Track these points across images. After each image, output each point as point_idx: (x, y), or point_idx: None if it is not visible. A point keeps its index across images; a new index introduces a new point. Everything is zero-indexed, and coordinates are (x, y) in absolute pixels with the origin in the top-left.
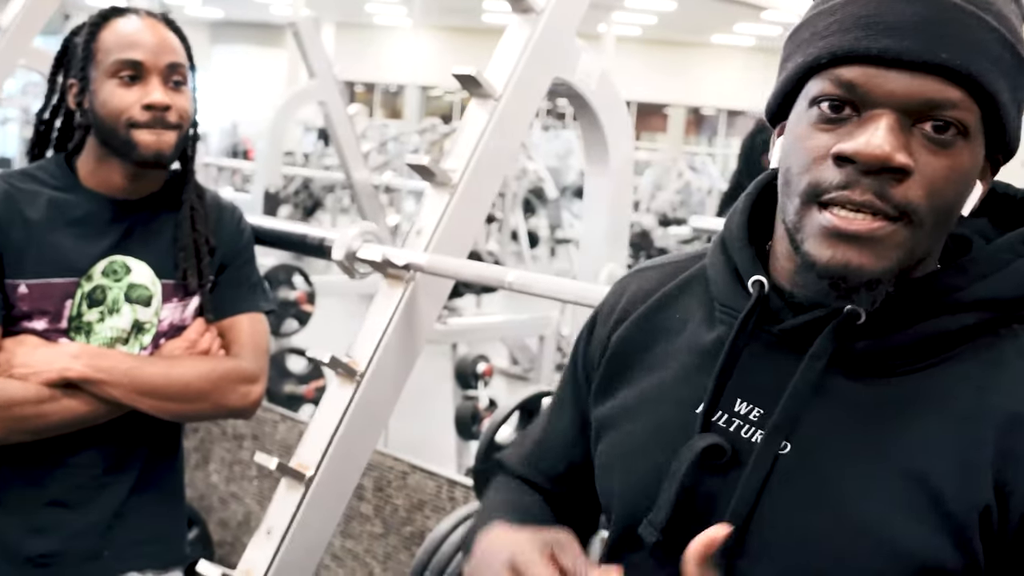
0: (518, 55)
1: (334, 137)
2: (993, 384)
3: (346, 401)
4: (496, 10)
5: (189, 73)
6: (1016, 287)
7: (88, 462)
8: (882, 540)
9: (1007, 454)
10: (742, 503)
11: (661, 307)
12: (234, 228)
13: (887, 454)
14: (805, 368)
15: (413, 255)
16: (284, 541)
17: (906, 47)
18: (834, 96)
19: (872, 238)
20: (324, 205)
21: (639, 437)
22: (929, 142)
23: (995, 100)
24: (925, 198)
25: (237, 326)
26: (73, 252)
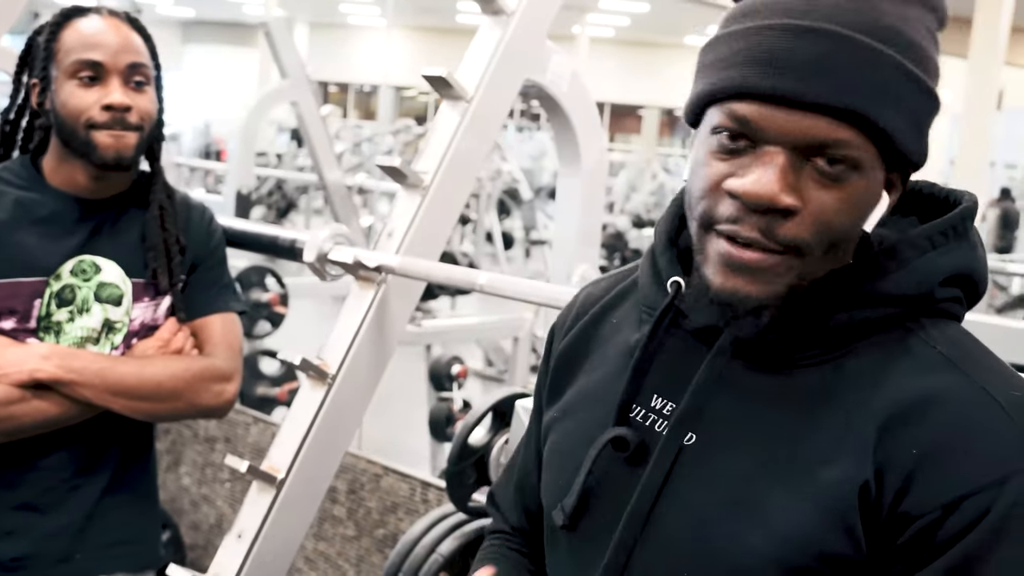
0: (489, 56)
1: (307, 138)
2: (886, 375)
3: (317, 403)
4: (470, 11)
5: (153, 73)
6: (919, 284)
7: (59, 464)
8: (774, 525)
9: (886, 438)
10: (645, 493)
11: (603, 314)
12: (204, 228)
13: (784, 444)
14: (709, 362)
15: (385, 257)
16: (255, 544)
17: (796, 88)
18: (729, 129)
19: (760, 268)
20: (297, 206)
21: (571, 435)
22: (821, 176)
23: (888, 136)
24: (813, 233)
25: (210, 326)
26: (40, 251)
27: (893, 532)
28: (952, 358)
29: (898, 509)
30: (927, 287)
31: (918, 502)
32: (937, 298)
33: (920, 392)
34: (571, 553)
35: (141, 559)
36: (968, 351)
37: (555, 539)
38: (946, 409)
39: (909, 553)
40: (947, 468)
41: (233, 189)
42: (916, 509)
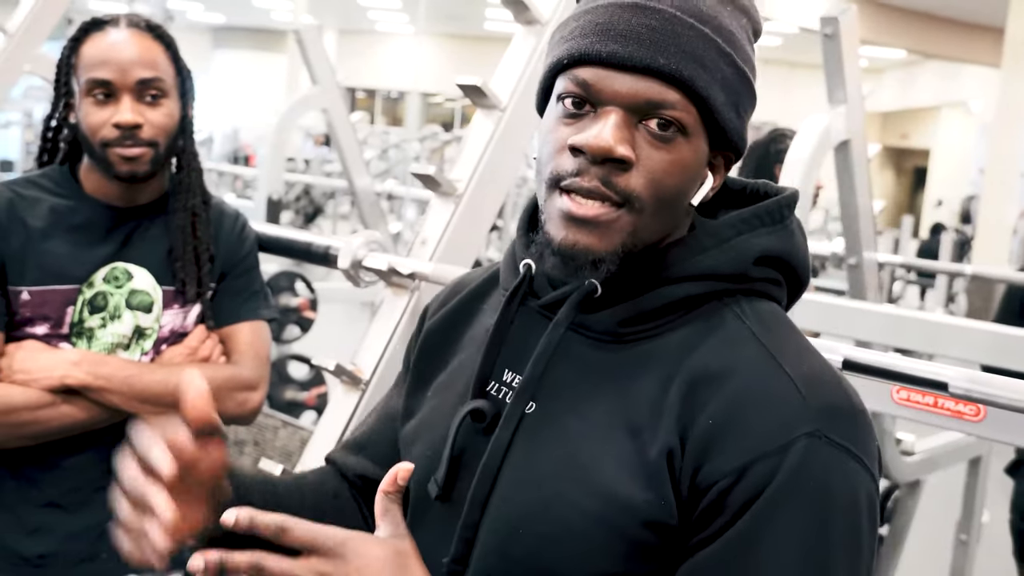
0: (523, 66)
1: (336, 144)
2: (699, 344)
3: (351, 409)
4: (498, 18)
5: (173, 83)
6: (733, 262)
7: (85, 464)
8: (597, 483)
9: (686, 407)
10: (492, 458)
11: (471, 301)
12: (235, 236)
13: (610, 410)
14: (548, 336)
15: (418, 264)
16: None
17: (630, 53)
18: (573, 93)
19: (598, 223)
20: (325, 212)
21: (437, 411)
22: (652, 137)
23: (708, 103)
24: (646, 187)
25: (238, 334)
26: (74, 259)
27: (693, 501)
28: (756, 333)
29: (696, 478)
30: (741, 265)
31: (713, 470)
32: (751, 276)
33: (720, 363)
34: (440, 521)
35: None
36: (772, 327)
37: (423, 511)
38: (740, 380)
39: (705, 520)
40: (737, 436)
41: (264, 195)
42: (711, 477)
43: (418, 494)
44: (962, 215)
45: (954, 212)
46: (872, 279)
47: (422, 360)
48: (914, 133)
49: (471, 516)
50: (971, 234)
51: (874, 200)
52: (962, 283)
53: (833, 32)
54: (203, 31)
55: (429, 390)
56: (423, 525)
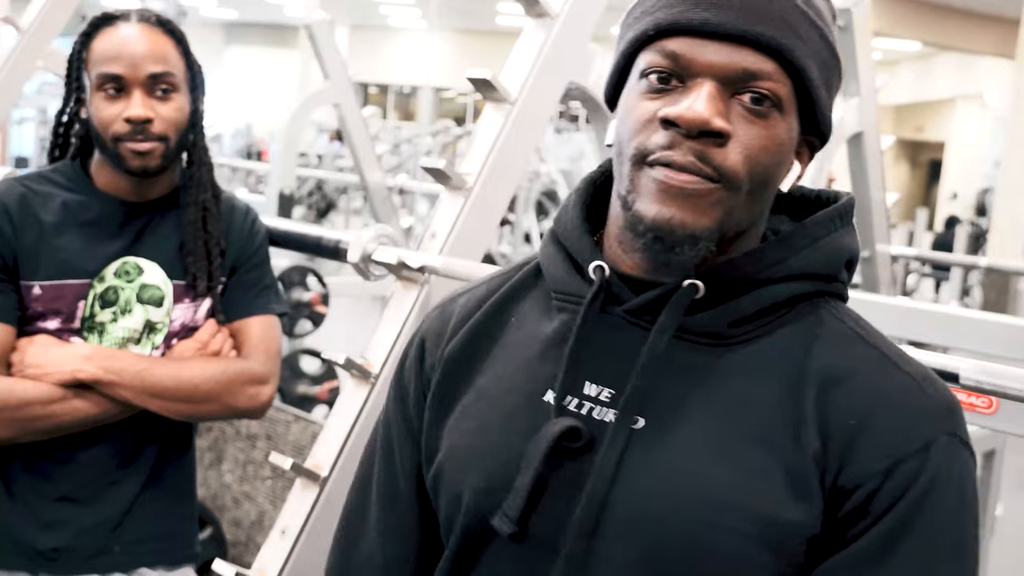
0: (533, 59)
1: (349, 139)
2: (813, 347)
3: (361, 402)
4: (510, 12)
5: (184, 77)
6: (829, 262)
7: (99, 459)
8: (736, 504)
9: (822, 409)
10: (599, 483)
11: (493, 314)
12: (246, 230)
13: (734, 420)
14: (652, 342)
15: (428, 258)
16: (298, 541)
17: (724, 20)
18: (660, 67)
19: (695, 193)
20: (337, 207)
21: (484, 433)
22: (747, 111)
23: (804, 75)
24: (742, 163)
25: (248, 328)
26: (85, 254)
27: (834, 503)
28: (861, 333)
29: (838, 480)
30: (835, 266)
31: (857, 471)
32: (838, 278)
33: (843, 364)
34: (513, 562)
35: (178, 554)
36: (870, 328)
37: (482, 550)
38: (868, 380)
39: (849, 522)
40: (879, 436)
41: (276, 189)
42: (856, 479)
43: (472, 529)
44: (977, 208)
45: (969, 205)
46: (885, 272)
47: (444, 389)
48: (929, 126)
49: (576, 550)
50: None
51: (888, 193)
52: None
53: (846, 24)
54: (216, 27)
55: (451, 419)
56: (485, 567)
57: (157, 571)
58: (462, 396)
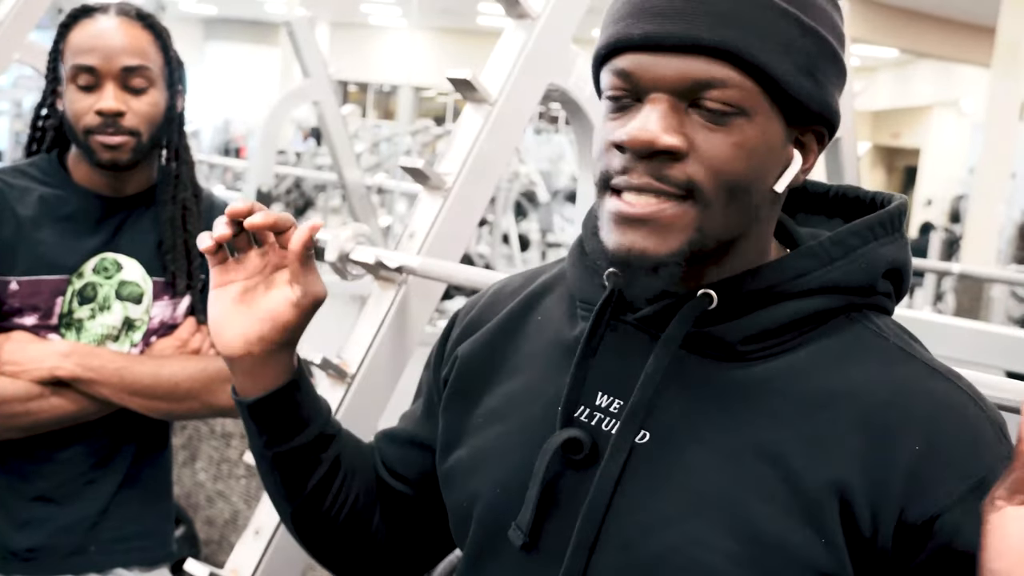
0: (513, 60)
1: (327, 137)
2: (846, 367)
3: (336, 403)
4: (491, 12)
5: (161, 72)
6: (864, 273)
7: (76, 457)
8: (741, 521)
9: (870, 433)
10: (599, 495)
11: (521, 312)
12: None
13: (741, 437)
14: (657, 354)
15: (406, 258)
16: (272, 541)
17: (667, 31)
18: (615, 87)
19: (656, 221)
20: (315, 205)
21: (505, 439)
22: (706, 121)
23: (768, 72)
24: (706, 175)
25: None
26: (64, 249)
27: (908, 541)
28: (907, 349)
29: (906, 514)
30: (871, 277)
31: (933, 502)
32: (877, 290)
33: (890, 387)
34: (522, 570)
35: (154, 553)
36: (914, 344)
37: (495, 556)
38: (925, 402)
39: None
40: (950, 462)
41: (254, 187)
42: (933, 508)
43: (486, 535)
44: (951, 214)
45: (943, 211)
46: None
47: (462, 383)
48: (906, 132)
49: (575, 564)
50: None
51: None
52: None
53: None
54: (195, 22)
55: (476, 416)
56: (496, 572)
57: (133, 571)
58: (487, 395)
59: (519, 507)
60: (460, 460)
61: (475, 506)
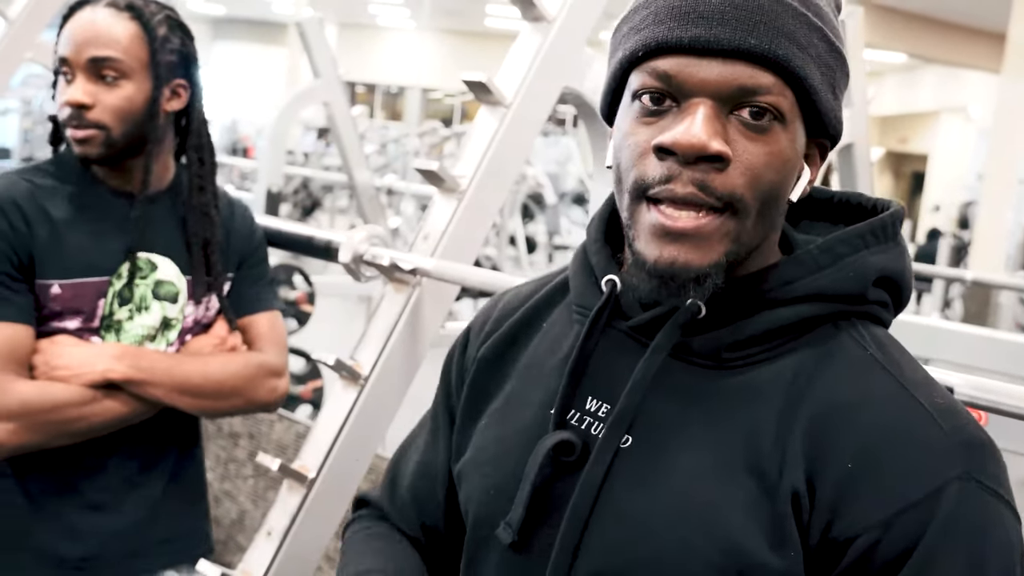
0: (529, 63)
1: (337, 138)
2: (818, 373)
3: (349, 404)
4: (499, 15)
5: (143, 65)
6: (853, 281)
7: (123, 464)
8: (722, 531)
9: (814, 443)
10: (582, 498)
11: (528, 319)
12: (248, 226)
13: (722, 445)
14: (645, 362)
15: (420, 260)
16: (284, 543)
17: (715, 35)
18: (652, 88)
19: (698, 235)
20: (322, 205)
21: (501, 442)
22: (746, 128)
23: (805, 83)
24: (746, 185)
25: (258, 323)
26: (101, 250)
27: (827, 555)
28: (881, 361)
29: (831, 530)
30: (860, 286)
31: (853, 521)
32: (869, 299)
33: (848, 395)
34: (512, 569)
35: (198, 550)
36: (895, 355)
37: (486, 555)
38: (875, 414)
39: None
40: (879, 481)
41: (263, 187)
42: (851, 529)
43: (479, 535)
44: (959, 220)
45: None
46: None
47: (475, 390)
48: (913, 137)
49: (560, 564)
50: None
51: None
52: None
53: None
54: (203, 22)
55: (481, 420)
56: (484, 568)
57: (181, 571)
58: (492, 400)
59: (510, 508)
60: (465, 463)
61: (470, 507)
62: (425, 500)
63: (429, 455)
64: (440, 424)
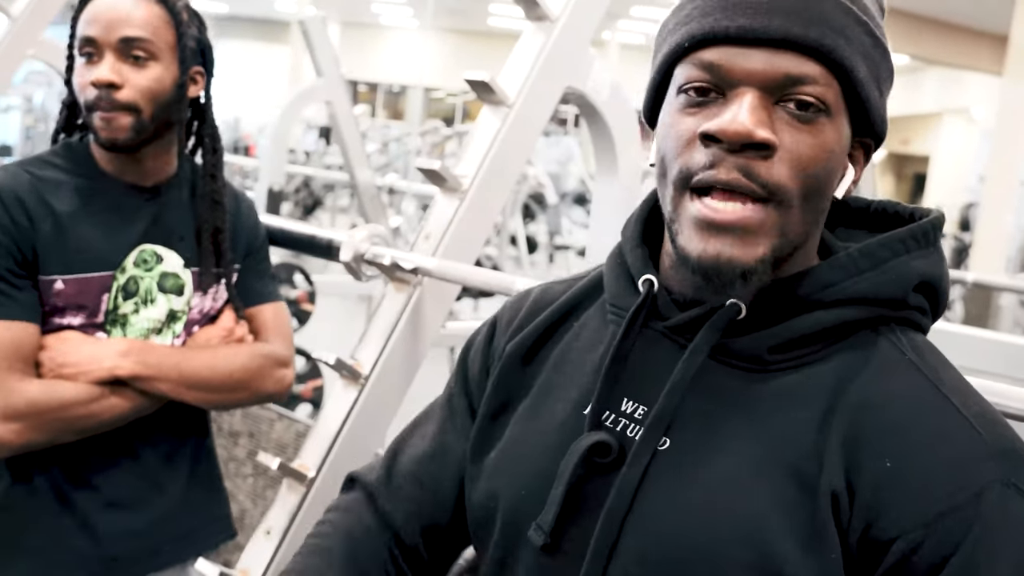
0: (532, 63)
1: (339, 137)
2: (856, 379)
3: (350, 404)
4: (502, 14)
5: (171, 48)
6: (894, 286)
7: (145, 461)
8: (754, 536)
9: (853, 446)
10: (618, 501)
11: (560, 316)
12: (254, 220)
13: (761, 449)
14: (684, 363)
15: (422, 260)
16: (283, 542)
17: (762, 24)
18: (698, 80)
19: (744, 228)
20: (323, 204)
21: (529, 441)
22: (792, 118)
23: (852, 76)
24: (791, 176)
25: (264, 314)
26: (106, 243)
27: (867, 556)
28: (920, 366)
29: (871, 531)
30: (901, 290)
31: (893, 523)
32: (909, 304)
33: (886, 399)
34: (542, 570)
35: (220, 536)
36: (933, 362)
37: (517, 558)
38: (913, 418)
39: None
40: (919, 483)
41: (265, 186)
42: (891, 531)
43: (510, 535)
44: (961, 222)
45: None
46: None
47: (501, 385)
48: (915, 139)
49: (594, 568)
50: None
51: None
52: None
53: None
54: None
55: (508, 418)
56: (519, 573)
57: (208, 558)
58: (519, 397)
59: (540, 507)
60: (489, 460)
61: (498, 506)
62: (430, 488)
63: (439, 444)
64: (457, 413)
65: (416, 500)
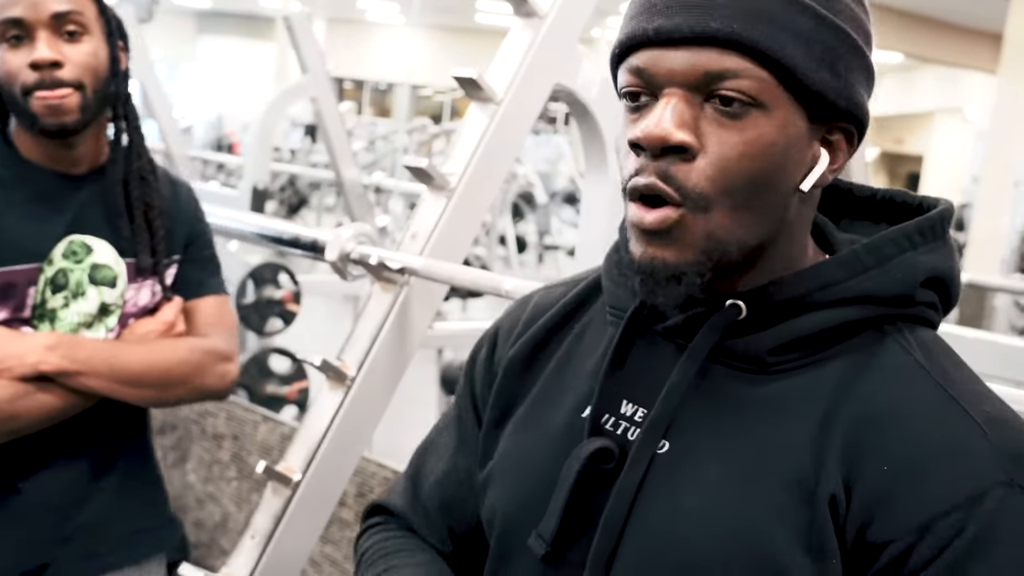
0: (520, 59)
1: (325, 134)
2: (859, 382)
3: (335, 406)
4: (489, 11)
5: (98, 21)
6: (900, 283)
7: (75, 464)
8: (753, 543)
9: (853, 450)
10: (616, 509)
11: (559, 320)
12: (193, 208)
13: (760, 453)
14: (682, 366)
15: (409, 259)
16: (268, 546)
17: (676, 23)
18: (630, 85)
19: (667, 231)
20: (309, 203)
21: (528, 447)
22: (720, 116)
23: (783, 63)
24: (712, 179)
25: (206, 306)
26: (31, 235)
27: (861, 559)
28: (927, 367)
29: (867, 533)
30: (908, 287)
31: (888, 526)
32: (916, 300)
33: (889, 400)
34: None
35: (165, 542)
36: (942, 361)
37: (515, 565)
38: (916, 420)
39: None
40: (917, 486)
41: (249, 184)
42: (886, 534)
43: (507, 544)
44: (955, 223)
45: None
46: None
47: (503, 393)
48: (909, 138)
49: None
50: (963, 242)
51: None
52: None
53: None
54: (188, 16)
55: (509, 424)
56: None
57: (152, 562)
58: (520, 404)
59: (540, 515)
60: (490, 471)
61: (496, 513)
62: (454, 508)
63: (456, 461)
64: (467, 427)
65: (447, 526)
